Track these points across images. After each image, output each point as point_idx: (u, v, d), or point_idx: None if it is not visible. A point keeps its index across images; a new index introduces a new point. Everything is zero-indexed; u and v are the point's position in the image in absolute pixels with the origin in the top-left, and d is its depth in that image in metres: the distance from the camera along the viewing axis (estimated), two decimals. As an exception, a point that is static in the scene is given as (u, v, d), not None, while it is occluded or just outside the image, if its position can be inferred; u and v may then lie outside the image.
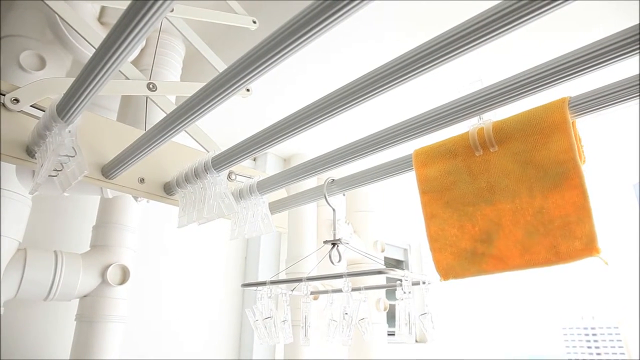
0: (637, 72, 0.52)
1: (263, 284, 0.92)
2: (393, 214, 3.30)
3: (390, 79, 0.55)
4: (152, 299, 1.98)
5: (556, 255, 0.53)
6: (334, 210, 0.88)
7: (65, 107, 0.65)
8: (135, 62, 1.53)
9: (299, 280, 0.88)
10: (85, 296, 1.43)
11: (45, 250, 1.37)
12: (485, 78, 0.62)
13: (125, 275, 1.47)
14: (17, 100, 0.80)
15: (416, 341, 3.27)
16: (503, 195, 0.58)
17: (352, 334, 0.85)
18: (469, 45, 0.49)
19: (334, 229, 0.90)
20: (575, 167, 0.52)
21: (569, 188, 0.52)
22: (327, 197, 0.84)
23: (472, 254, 0.60)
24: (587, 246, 0.50)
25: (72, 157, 0.70)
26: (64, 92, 0.65)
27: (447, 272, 0.62)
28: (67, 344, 1.46)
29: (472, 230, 0.61)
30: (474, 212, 0.61)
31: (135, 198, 1.29)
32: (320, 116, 0.64)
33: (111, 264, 1.44)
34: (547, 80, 0.53)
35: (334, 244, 0.88)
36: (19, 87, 0.81)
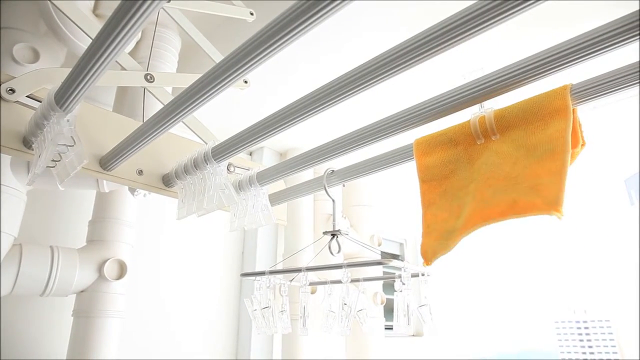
0: (638, 59, 0.52)
1: (262, 273, 0.92)
2: (389, 208, 3.31)
3: (389, 67, 0.55)
4: (149, 294, 1.97)
5: (512, 209, 0.51)
6: (333, 201, 0.88)
7: (64, 96, 0.65)
8: (131, 55, 1.51)
9: (298, 270, 0.88)
10: (82, 291, 1.42)
11: (41, 246, 1.36)
12: (487, 66, 0.62)
13: (122, 270, 1.46)
14: (12, 91, 0.79)
15: (412, 335, 3.29)
16: (489, 169, 0.57)
17: (351, 324, 0.85)
18: (463, 36, 0.49)
19: (334, 220, 0.90)
20: (564, 144, 0.50)
21: (551, 160, 0.51)
22: (326, 187, 0.84)
23: (450, 232, 0.59)
24: (548, 205, 0.47)
25: (70, 146, 0.69)
26: (61, 82, 0.65)
27: (427, 254, 0.61)
28: (64, 340, 1.45)
29: (458, 210, 0.60)
30: (464, 195, 0.60)
31: (132, 192, 1.29)
32: (318, 106, 0.63)
33: (108, 259, 1.43)
34: (548, 67, 0.53)
35: (333, 235, 0.88)
36: (15, 77, 0.80)
